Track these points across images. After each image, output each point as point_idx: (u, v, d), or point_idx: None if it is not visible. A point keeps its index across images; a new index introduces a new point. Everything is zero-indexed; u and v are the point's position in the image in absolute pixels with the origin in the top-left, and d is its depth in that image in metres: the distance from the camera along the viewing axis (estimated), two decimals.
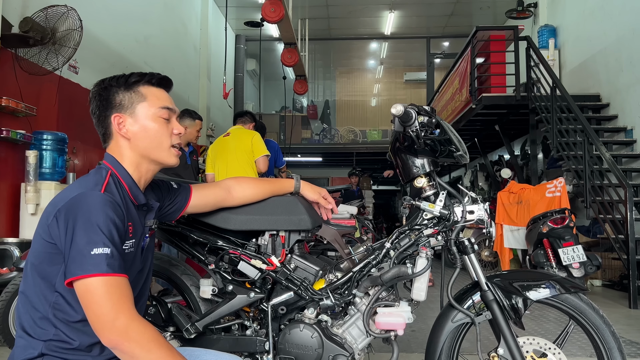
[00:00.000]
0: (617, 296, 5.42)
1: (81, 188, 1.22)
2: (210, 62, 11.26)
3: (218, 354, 1.47)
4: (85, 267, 1.11)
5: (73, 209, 1.16)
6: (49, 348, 1.19)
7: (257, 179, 1.86)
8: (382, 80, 18.20)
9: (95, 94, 1.37)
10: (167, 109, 1.39)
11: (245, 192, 1.76)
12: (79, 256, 1.12)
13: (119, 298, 1.12)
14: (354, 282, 1.77)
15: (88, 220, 1.14)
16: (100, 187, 1.22)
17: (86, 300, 1.11)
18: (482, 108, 7.78)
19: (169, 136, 1.39)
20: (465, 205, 1.72)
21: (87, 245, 1.12)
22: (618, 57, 7.22)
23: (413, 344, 3.33)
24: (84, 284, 1.11)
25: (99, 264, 1.11)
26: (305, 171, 16.31)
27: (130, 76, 1.36)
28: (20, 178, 4.79)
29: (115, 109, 1.34)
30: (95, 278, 1.11)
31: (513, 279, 1.74)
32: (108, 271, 1.11)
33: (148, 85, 1.38)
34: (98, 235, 1.13)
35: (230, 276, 1.83)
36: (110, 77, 1.38)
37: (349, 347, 1.73)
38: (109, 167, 1.33)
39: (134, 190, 1.34)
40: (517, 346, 1.67)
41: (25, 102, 4.81)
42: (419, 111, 1.67)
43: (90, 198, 1.18)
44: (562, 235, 4.96)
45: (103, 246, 1.13)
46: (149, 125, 1.35)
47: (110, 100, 1.35)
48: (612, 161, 5.43)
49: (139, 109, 1.35)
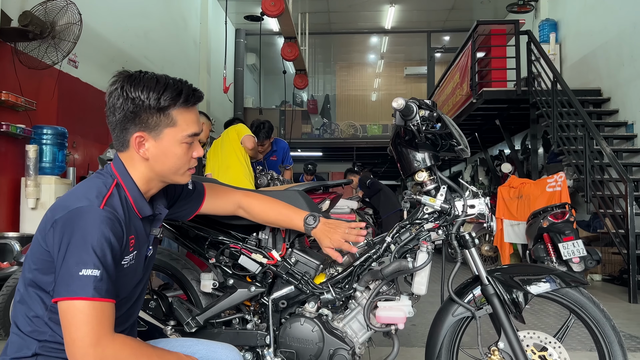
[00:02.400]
0: (617, 291, 5.43)
1: (82, 199, 1.16)
2: (210, 56, 11.23)
3: (210, 344, 1.44)
4: (71, 288, 1.07)
5: (69, 223, 1.12)
6: (43, 349, 1.17)
7: (270, 207, 1.69)
8: (383, 74, 18.16)
9: (118, 99, 1.23)
10: (195, 134, 1.30)
11: (251, 214, 1.70)
12: (67, 275, 1.08)
13: (100, 324, 1.08)
14: (355, 276, 1.77)
15: (82, 238, 1.10)
16: (101, 200, 1.16)
17: (66, 322, 1.08)
18: (482, 102, 7.77)
19: (188, 161, 1.31)
20: (466, 200, 1.72)
21: (77, 265, 1.08)
22: (619, 51, 7.20)
23: (413, 338, 3.34)
24: (67, 305, 1.07)
25: (86, 286, 1.07)
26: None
27: (161, 97, 1.23)
28: (20, 172, 4.78)
29: (139, 127, 1.23)
30: (80, 302, 1.07)
31: (514, 273, 1.75)
32: (94, 295, 1.07)
33: (180, 108, 1.26)
34: (89, 256, 1.09)
35: (231, 270, 1.83)
36: (138, 82, 1.23)
37: (349, 340, 1.73)
38: (116, 175, 1.26)
39: (139, 203, 1.28)
40: (517, 340, 1.67)
41: (25, 97, 4.80)
42: (420, 105, 1.66)
43: (88, 214, 1.12)
44: (562, 229, 4.96)
45: (93, 267, 1.08)
46: (172, 151, 1.27)
47: (135, 114, 1.23)
48: (612, 156, 5.42)
49: (166, 133, 1.25)
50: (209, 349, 1.41)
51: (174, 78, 1.29)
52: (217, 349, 1.42)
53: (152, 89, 1.23)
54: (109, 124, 1.27)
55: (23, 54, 4.72)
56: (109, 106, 1.25)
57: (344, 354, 1.68)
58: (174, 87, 1.25)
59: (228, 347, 1.45)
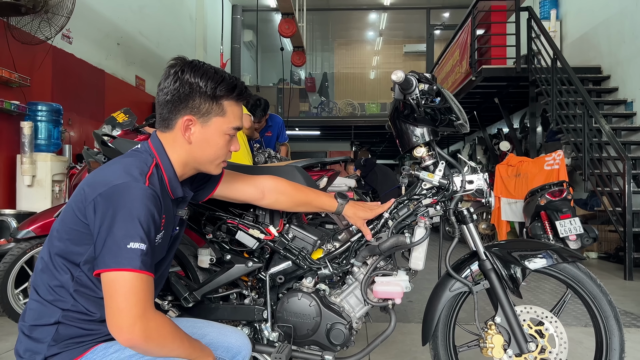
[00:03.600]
0: (613, 268, 5.47)
1: (126, 175, 1.17)
2: (206, 32, 11.09)
3: (221, 328, 1.47)
4: (119, 260, 1.09)
5: (115, 198, 1.13)
6: (65, 317, 1.19)
7: (297, 187, 1.72)
8: (381, 52, 17.99)
9: (175, 82, 1.28)
10: (238, 128, 1.36)
11: (280, 201, 1.70)
12: (114, 247, 1.10)
13: (145, 296, 1.11)
14: (352, 251, 1.77)
15: (130, 213, 1.12)
16: (145, 178, 1.19)
17: (112, 292, 1.10)
18: (482, 80, 7.70)
19: (225, 154, 1.37)
20: (464, 175, 1.71)
21: (125, 238, 1.10)
22: (620, 28, 7.12)
23: (410, 314, 3.36)
24: (115, 275, 1.09)
25: (134, 259, 1.10)
26: (304, 145, 16.27)
27: (218, 87, 1.29)
28: (15, 150, 4.75)
29: (190, 111, 1.29)
30: (127, 273, 1.09)
31: (511, 249, 1.74)
32: (141, 268, 1.10)
33: (231, 100, 1.33)
34: (137, 230, 1.11)
35: (228, 246, 1.82)
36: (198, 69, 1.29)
37: (346, 315, 1.74)
38: (155, 155, 1.29)
39: (173, 184, 1.31)
40: (514, 314, 1.68)
41: (19, 73, 4.74)
42: (420, 78, 1.64)
43: (135, 190, 1.15)
44: (559, 207, 4.98)
45: (140, 241, 1.11)
46: (215, 140, 1.32)
47: (189, 97, 1.28)
48: (611, 134, 5.40)
49: (214, 121, 1.31)
50: (220, 332, 1.44)
51: (229, 73, 1.35)
52: (227, 332, 1.45)
53: (210, 77, 1.29)
54: (159, 104, 1.31)
55: (16, 28, 4.64)
56: (162, 86, 1.29)
57: (341, 328, 1.69)
58: (230, 81, 1.32)
59: (238, 331, 1.48)
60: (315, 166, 3.01)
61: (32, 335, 1.19)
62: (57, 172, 4.79)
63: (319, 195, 1.74)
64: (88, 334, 1.20)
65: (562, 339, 1.69)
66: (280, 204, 1.71)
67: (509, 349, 1.69)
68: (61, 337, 1.19)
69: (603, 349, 1.71)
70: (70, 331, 1.19)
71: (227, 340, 1.42)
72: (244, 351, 1.43)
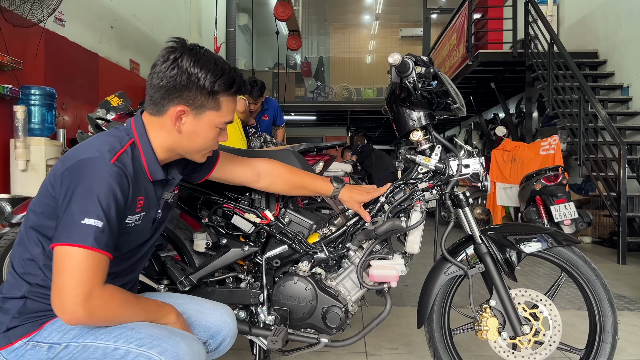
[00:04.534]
0: (607, 252, 5.52)
1: (94, 151, 1.15)
2: (201, 16, 10.97)
3: (202, 305, 1.43)
4: (71, 235, 1.07)
5: (78, 172, 1.12)
6: (32, 293, 1.18)
7: (293, 171, 1.72)
8: (378, 36, 17.87)
9: (173, 69, 1.23)
10: (230, 122, 1.33)
11: (276, 184, 1.69)
12: (69, 222, 1.08)
13: (94, 275, 1.08)
14: (348, 235, 1.77)
15: (89, 189, 1.10)
16: (113, 155, 1.16)
17: (60, 267, 1.07)
18: (478, 65, 7.68)
19: (213, 145, 1.35)
20: (461, 159, 1.70)
21: (80, 214, 1.08)
22: (618, 12, 7.08)
23: (405, 297, 3.38)
24: (65, 250, 1.08)
25: (86, 235, 1.07)
26: (299, 130, 16.22)
27: (217, 81, 1.25)
28: (9, 134, 4.71)
29: (185, 101, 1.25)
30: (77, 249, 1.07)
31: (507, 233, 1.75)
32: (93, 245, 1.08)
33: (228, 96, 1.30)
34: (94, 206, 1.09)
35: (224, 230, 1.82)
36: (199, 59, 1.24)
37: (342, 298, 1.74)
38: (134, 134, 1.26)
39: (152, 167, 1.28)
40: (509, 297, 1.69)
41: (11, 56, 4.68)
42: (417, 62, 1.62)
43: (99, 166, 1.12)
44: (554, 192, 4.99)
45: (96, 218, 1.09)
46: (206, 132, 1.30)
47: (186, 88, 1.24)
48: (607, 119, 5.41)
49: (207, 114, 1.28)
50: (199, 310, 1.40)
51: (229, 64, 1.31)
52: (207, 311, 1.40)
53: (210, 70, 1.25)
54: (151, 86, 1.26)
55: (7, 11, 4.58)
56: (157, 69, 1.24)
57: (337, 311, 1.70)
58: (229, 75, 1.28)
59: (220, 309, 1.43)
60: (312, 151, 3.00)
61: (4, 306, 1.20)
62: (51, 156, 4.76)
63: (315, 179, 1.74)
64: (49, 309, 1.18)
65: (556, 321, 1.71)
66: (275, 187, 1.71)
67: (504, 331, 1.70)
68: (26, 311, 1.18)
69: (597, 331, 1.73)
70: (36, 306, 1.19)
71: (206, 319, 1.38)
72: (224, 331, 1.39)
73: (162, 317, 1.22)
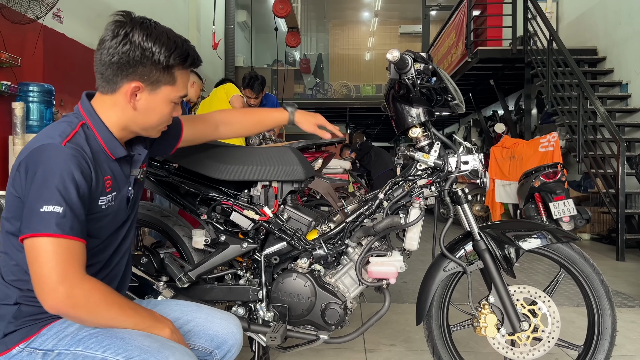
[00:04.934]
0: (605, 249, 5.52)
1: (45, 138, 1.12)
2: (199, 12, 10.93)
3: (210, 313, 1.38)
4: (32, 225, 1.05)
5: (33, 162, 1.09)
6: (23, 298, 1.16)
7: (246, 112, 1.78)
8: (377, 33, 17.85)
9: (125, 44, 1.17)
10: (184, 96, 1.31)
11: (234, 129, 1.73)
12: (29, 213, 1.06)
13: (66, 261, 1.05)
14: (347, 232, 1.77)
15: (43, 175, 1.07)
16: (64, 138, 1.12)
17: (31, 259, 1.06)
18: (477, 62, 7.67)
19: (167, 120, 1.31)
20: (459, 156, 1.70)
21: (38, 202, 1.05)
22: (617, 9, 7.08)
23: (404, 294, 3.39)
24: (31, 242, 1.05)
25: (47, 223, 1.04)
26: (298, 127, 16.17)
27: (171, 55, 1.20)
28: (7, 131, 4.69)
29: (139, 77, 1.20)
30: (42, 238, 1.04)
31: (505, 229, 1.75)
32: (56, 232, 1.04)
33: (183, 69, 1.26)
34: (51, 192, 1.06)
35: (223, 227, 1.82)
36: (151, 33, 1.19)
37: (341, 295, 1.74)
38: (83, 116, 1.22)
39: (111, 145, 1.23)
40: (507, 294, 1.70)
41: (9, 53, 4.66)
42: (416, 58, 1.62)
43: (50, 151, 1.09)
44: (553, 189, 5.00)
45: (55, 204, 1.05)
46: (161, 108, 1.26)
47: (140, 63, 1.18)
48: (606, 115, 5.41)
49: (163, 89, 1.23)
50: (207, 319, 1.36)
51: (180, 36, 1.27)
52: (215, 319, 1.36)
53: (164, 44, 1.20)
54: (101, 63, 1.20)
55: (5, 7, 4.56)
56: (107, 45, 1.18)
57: (336, 308, 1.70)
58: (183, 48, 1.24)
59: (228, 319, 1.39)
60: (311, 147, 2.99)
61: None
62: None
63: (269, 111, 1.81)
64: (44, 312, 1.16)
65: (555, 318, 1.71)
66: (235, 131, 1.73)
67: (502, 328, 1.71)
68: (21, 315, 1.16)
69: (595, 327, 1.73)
70: (30, 309, 1.17)
71: (213, 327, 1.34)
72: (230, 341, 1.35)
73: (155, 329, 1.17)
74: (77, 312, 1.08)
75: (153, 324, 1.17)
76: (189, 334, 1.31)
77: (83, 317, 1.10)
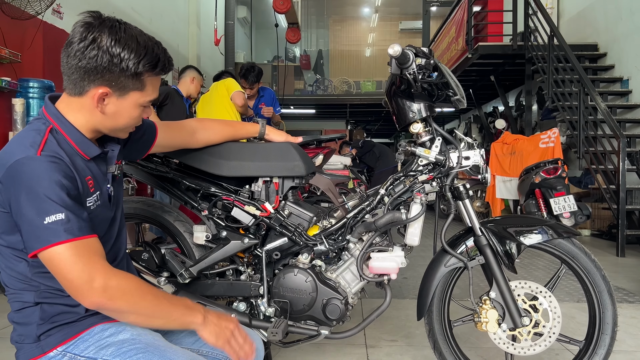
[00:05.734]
0: (606, 245, 5.53)
1: (17, 152, 1.09)
2: (199, 8, 10.91)
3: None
4: (42, 239, 1.05)
5: (14, 179, 1.07)
6: (42, 296, 1.16)
7: (221, 122, 1.81)
8: (377, 29, 17.80)
9: (92, 49, 1.14)
10: (155, 100, 1.30)
11: (209, 135, 1.74)
12: (32, 229, 1.05)
13: (89, 259, 1.06)
14: (348, 228, 1.77)
15: (31, 191, 1.05)
16: (37, 148, 1.10)
17: (55, 270, 1.06)
18: (478, 58, 7.65)
19: (138, 122, 1.28)
20: (461, 151, 1.70)
21: (38, 217, 1.04)
22: (618, 4, 7.05)
23: (405, 290, 3.39)
24: (48, 254, 1.05)
25: (56, 232, 1.04)
26: (299, 123, 16.19)
27: (141, 62, 1.17)
28: (7, 127, 4.69)
29: (107, 82, 1.16)
30: (57, 247, 1.04)
31: (507, 225, 1.75)
32: (68, 237, 1.05)
33: (152, 75, 1.22)
34: (47, 204, 1.05)
35: (224, 222, 1.82)
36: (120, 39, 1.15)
37: (342, 291, 1.74)
38: (50, 120, 1.18)
39: (84, 146, 1.21)
40: (509, 289, 1.70)
41: (9, 48, 4.66)
42: (417, 53, 1.62)
43: (29, 165, 1.07)
44: (554, 185, 4.99)
45: (55, 212, 1.05)
46: (130, 112, 1.22)
47: (107, 70, 1.15)
48: (607, 111, 5.40)
49: (131, 95, 1.20)
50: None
51: (152, 39, 1.22)
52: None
53: (133, 50, 1.16)
54: (68, 65, 1.17)
55: (5, 3, 4.55)
56: (74, 48, 1.14)
57: (337, 303, 1.70)
58: (153, 54, 1.19)
59: (254, 335, 1.40)
60: (311, 144, 2.98)
61: (21, 321, 1.17)
62: None
63: (243, 124, 1.87)
64: (71, 311, 1.17)
65: (556, 313, 1.71)
66: (210, 139, 1.75)
67: (504, 323, 1.71)
68: (47, 315, 1.16)
69: (596, 322, 1.73)
70: (55, 309, 1.16)
71: None
72: (256, 355, 1.33)
73: (189, 316, 1.17)
74: (116, 304, 1.08)
75: (186, 312, 1.17)
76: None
77: (122, 307, 1.09)
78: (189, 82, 4.74)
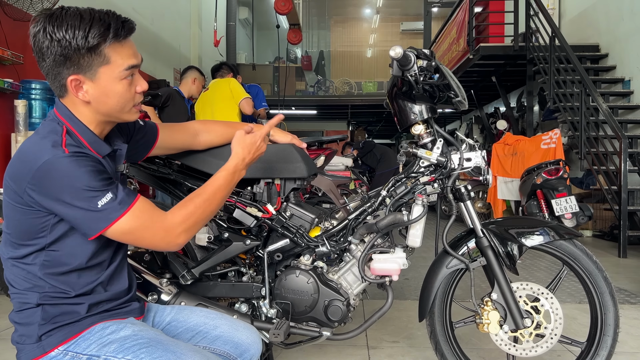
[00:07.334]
0: (607, 246, 5.52)
1: (43, 154, 1.09)
2: (201, 9, 10.93)
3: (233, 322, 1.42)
4: (105, 219, 1.11)
5: (48, 180, 1.08)
6: (45, 298, 1.17)
7: (224, 124, 1.80)
8: (378, 30, 17.82)
9: (44, 42, 1.13)
10: (133, 67, 1.20)
11: (212, 137, 1.74)
12: (90, 216, 1.10)
13: (151, 218, 1.16)
14: (350, 229, 1.77)
15: (73, 188, 1.08)
16: (61, 148, 1.10)
17: (130, 239, 1.17)
18: (479, 58, 7.65)
19: (132, 98, 1.23)
20: (462, 152, 1.70)
21: (91, 205, 1.09)
22: (619, 5, 7.05)
23: (407, 291, 3.39)
24: (117, 229, 1.13)
25: (113, 209, 1.11)
26: (300, 124, 16.20)
27: (88, 35, 1.12)
28: (10, 128, 4.70)
29: (72, 70, 1.14)
30: (121, 220, 1.12)
31: (508, 226, 1.75)
32: (125, 208, 1.12)
33: (112, 43, 1.16)
34: (92, 193, 1.09)
35: (226, 224, 1.82)
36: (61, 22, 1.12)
37: (344, 292, 1.75)
38: (63, 121, 1.18)
39: (95, 145, 1.21)
40: (510, 291, 1.70)
41: (12, 50, 4.67)
42: (418, 55, 1.62)
43: (60, 163, 1.08)
44: (555, 186, 4.99)
45: (103, 195, 1.10)
46: (112, 89, 1.18)
47: (65, 57, 1.13)
48: (608, 112, 5.39)
49: (101, 72, 1.16)
50: (231, 327, 1.41)
51: (100, 11, 1.18)
52: (239, 328, 1.42)
53: (77, 27, 1.12)
54: (41, 69, 1.17)
55: (7, 5, 4.56)
56: (36, 50, 1.15)
57: (339, 304, 1.71)
58: (101, 22, 1.14)
59: (250, 328, 1.44)
60: (313, 145, 2.99)
61: (22, 321, 1.18)
62: None
63: (243, 125, 1.84)
64: (72, 311, 1.18)
65: (558, 314, 1.71)
66: (212, 141, 1.75)
67: (505, 324, 1.71)
68: (49, 316, 1.16)
69: (598, 324, 1.73)
70: (57, 310, 1.17)
71: (237, 335, 1.38)
72: (252, 349, 1.39)
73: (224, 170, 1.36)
74: (194, 228, 1.25)
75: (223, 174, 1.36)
76: (217, 340, 1.35)
77: (197, 225, 1.26)
78: (191, 83, 4.75)
